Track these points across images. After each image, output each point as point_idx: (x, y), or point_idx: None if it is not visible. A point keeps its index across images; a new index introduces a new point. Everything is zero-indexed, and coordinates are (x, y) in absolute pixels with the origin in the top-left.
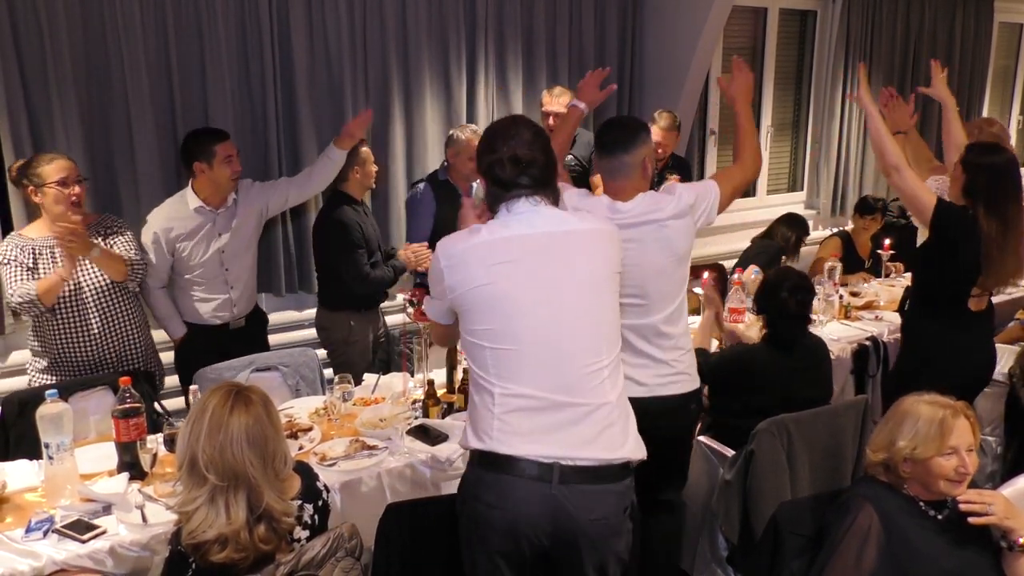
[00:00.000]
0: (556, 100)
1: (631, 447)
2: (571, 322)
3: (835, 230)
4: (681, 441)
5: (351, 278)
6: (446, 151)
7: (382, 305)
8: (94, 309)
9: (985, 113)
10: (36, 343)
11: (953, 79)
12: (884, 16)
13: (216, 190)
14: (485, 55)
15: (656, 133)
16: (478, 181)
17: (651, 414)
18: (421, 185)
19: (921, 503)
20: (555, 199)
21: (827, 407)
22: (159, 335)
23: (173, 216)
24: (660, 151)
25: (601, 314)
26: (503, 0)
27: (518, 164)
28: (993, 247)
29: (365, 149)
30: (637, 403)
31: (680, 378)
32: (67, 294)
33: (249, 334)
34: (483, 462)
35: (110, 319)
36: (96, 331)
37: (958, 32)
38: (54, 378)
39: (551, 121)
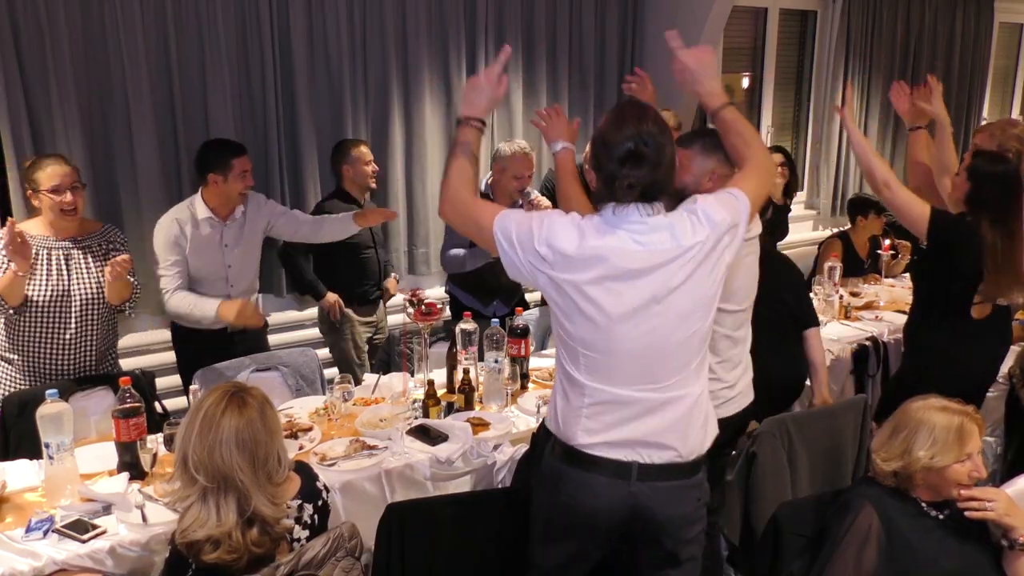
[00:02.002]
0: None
1: (701, 440)
2: (665, 343)
3: (835, 231)
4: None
5: (290, 265)
6: (492, 166)
7: (388, 304)
8: (74, 317)
9: (985, 113)
10: (6, 342)
11: (953, 79)
12: (884, 16)
13: (225, 202)
14: (485, 55)
15: None
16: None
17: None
18: None
19: (923, 503)
20: (672, 202)
21: (827, 407)
22: (154, 336)
23: (183, 224)
24: None
25: (696, 330)
26: (503, 0)
27: (634, 189)
28: (994, 257)
29: (362, 149)
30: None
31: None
32: (54, 298)
33: (249, 338)
34: (565, 455)
35: (85, 329)
36: (68, 338)
37: (958, 32)
38: (24, 380)
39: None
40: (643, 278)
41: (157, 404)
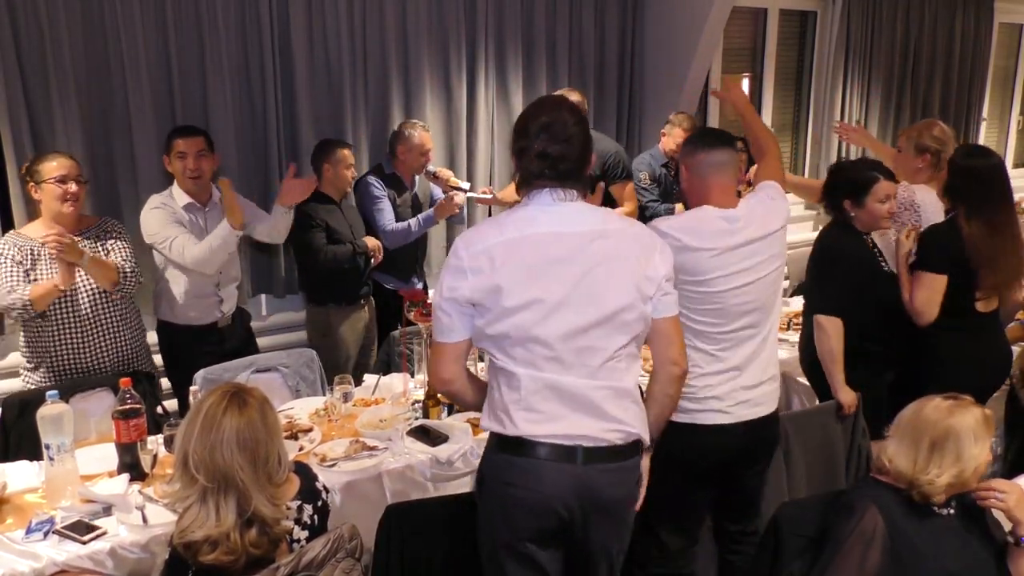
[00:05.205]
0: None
1: (642, 427)
2: (595, 326)
3: None
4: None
5: (307, 253)
6: (396, 146)
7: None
8: (89, 316)
9: (985, 113)
10: (29, 352)
11: (953, 79)
12: (884, 16)
13: (186, 187)
14: (485, 55)
15: (680, 136)
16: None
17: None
18: (371, 178)
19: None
20: (584, 191)
21: (819, 405)
22: (155, 336)
23: (168, 210)
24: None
25: (623, 316)
26: (503, 0)
27: (546, 159)
28: (977, 249)
29: (346, 152)
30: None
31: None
32: (62, 300)
33: (236, 331)
34: (507, 447)
35: (105, 325)
36: (92, 339)
37: (958, 32)
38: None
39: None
40: (561, 265)
41: (159, 405)
